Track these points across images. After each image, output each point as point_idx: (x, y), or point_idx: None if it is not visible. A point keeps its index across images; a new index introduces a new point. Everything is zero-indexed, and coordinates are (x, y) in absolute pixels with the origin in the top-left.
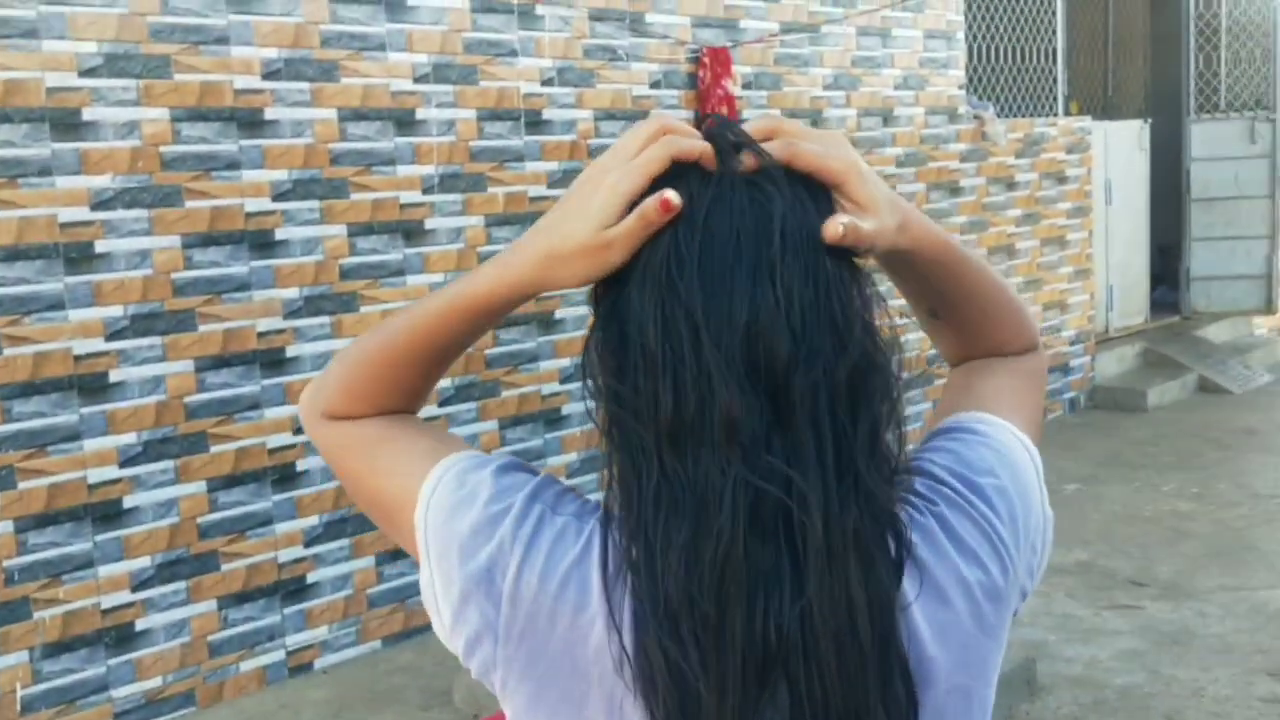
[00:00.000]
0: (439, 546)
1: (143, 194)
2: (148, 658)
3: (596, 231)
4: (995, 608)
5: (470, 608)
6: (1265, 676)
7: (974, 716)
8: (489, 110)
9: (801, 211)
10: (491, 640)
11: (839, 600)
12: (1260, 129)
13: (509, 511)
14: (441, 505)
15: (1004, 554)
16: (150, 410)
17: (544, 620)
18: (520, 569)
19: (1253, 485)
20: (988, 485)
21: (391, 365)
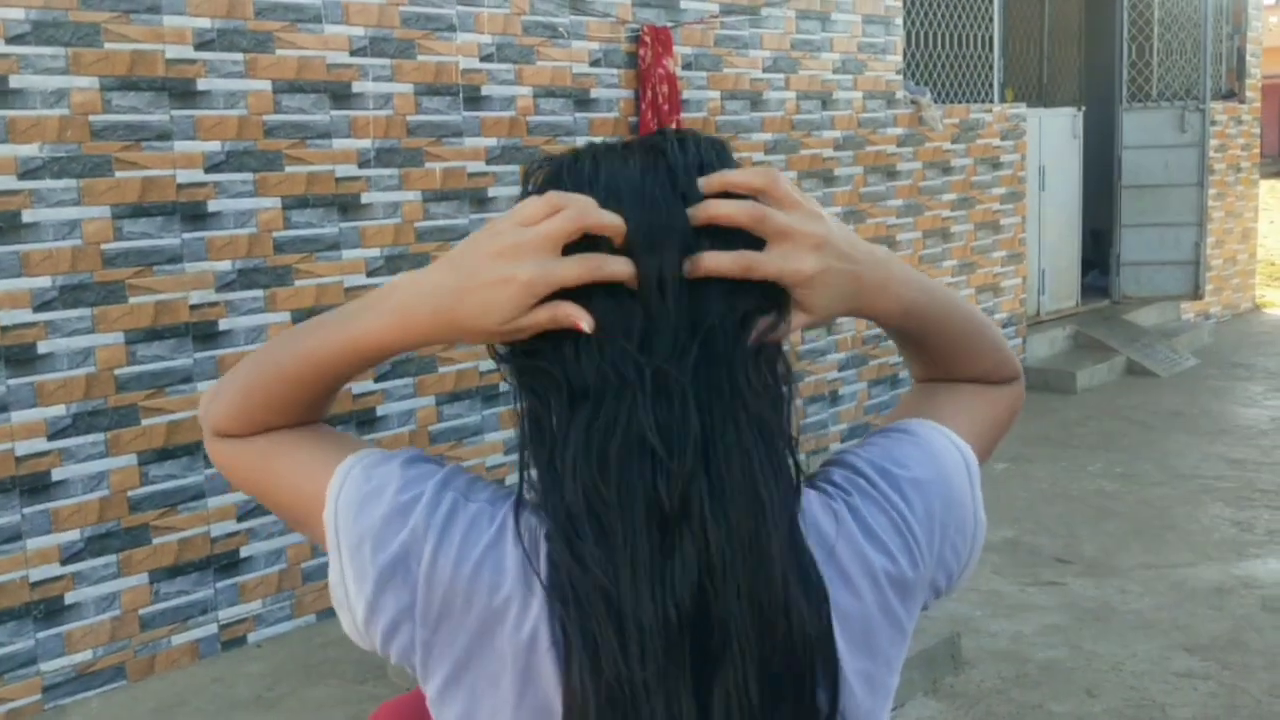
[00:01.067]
0: (350, 541)
1: (71, 164)
2: (77, 631)
3: (503, 324)
4: (902, 598)
5: (386, 596)
6: (1182, 652)
7: (876, 702)
8: (427, 85)
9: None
10: (410, 625)
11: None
12: (1190, 118)
13: (420, 500)
14: (350, 501)
15: (915, 547)
16: (80, 382)
17: (460, 603)
18: (435, 554)
19: (1176, 466)
20: (904, 479)
21: (282, 391)
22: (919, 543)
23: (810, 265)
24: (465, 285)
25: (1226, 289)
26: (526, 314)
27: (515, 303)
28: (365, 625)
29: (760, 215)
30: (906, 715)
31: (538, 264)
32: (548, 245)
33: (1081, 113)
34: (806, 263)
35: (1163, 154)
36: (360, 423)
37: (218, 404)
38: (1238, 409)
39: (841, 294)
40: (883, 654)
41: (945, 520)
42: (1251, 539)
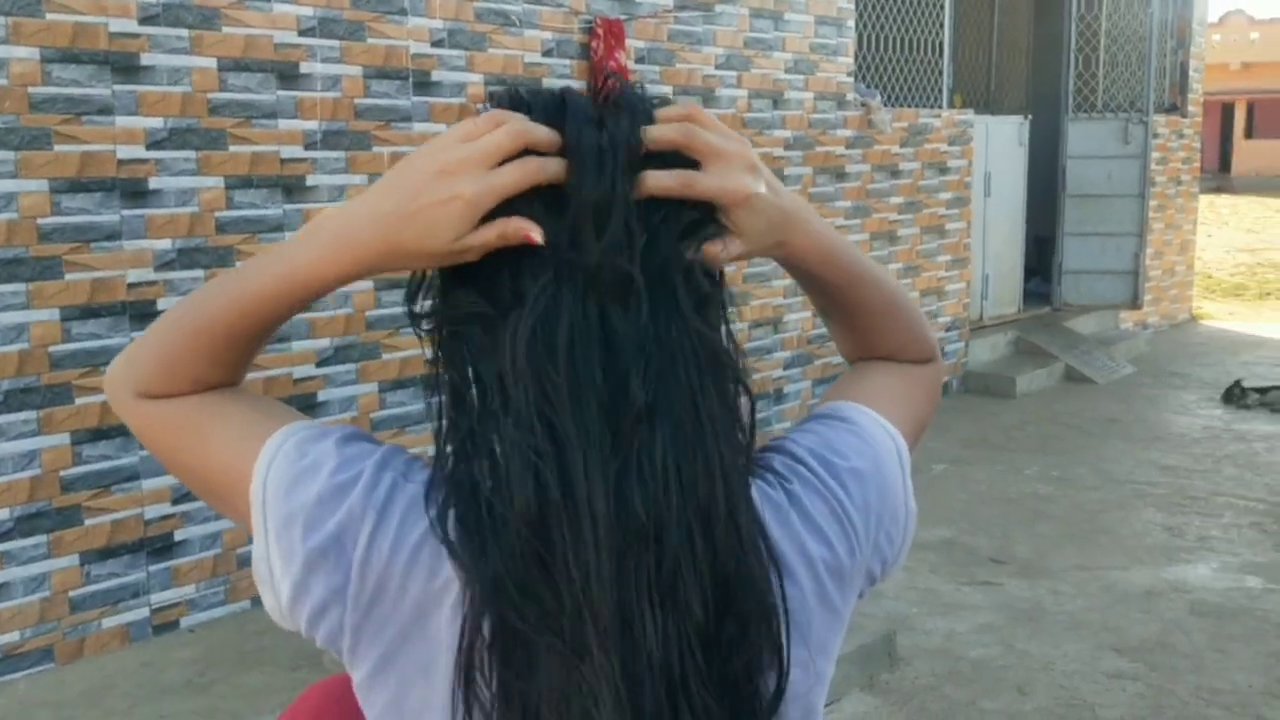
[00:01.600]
0: (279, 519)
1: (9, 135)
2: (5, 612)
3: (451, 243)
4: (839, 586)
5: (316, 577)
6: (1111, 652)
7: (812, 689)
8: (376, 68)
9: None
10: (339, 608)
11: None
12: (1133, 130)
13: (358, 480)
14: (281, 477)
15: (853, 536)
16: (13, 359)
17: (395, 587)
18: (372, 537)
19: (1110, 471)
20: (844, 469)
21: (211, 341)
22: (856, 532)
23: (747, 185)
24: (406, 208)
25: (1164, 299)
26: (473, 232)
27: (461, 220)
28: (290, 606)
29: (692, 131)
30: (842, 710)
31: (480, 178)
32: (488, 160)
33: (1028, 121)
34: (743, 182)
35: (1106, 164)
36: (301, 408)
37: (136, 363)
38: (1172, 417)
39: (771, 223)
40: (819, 642)
41: (880, 510)
42: (1182, 544)
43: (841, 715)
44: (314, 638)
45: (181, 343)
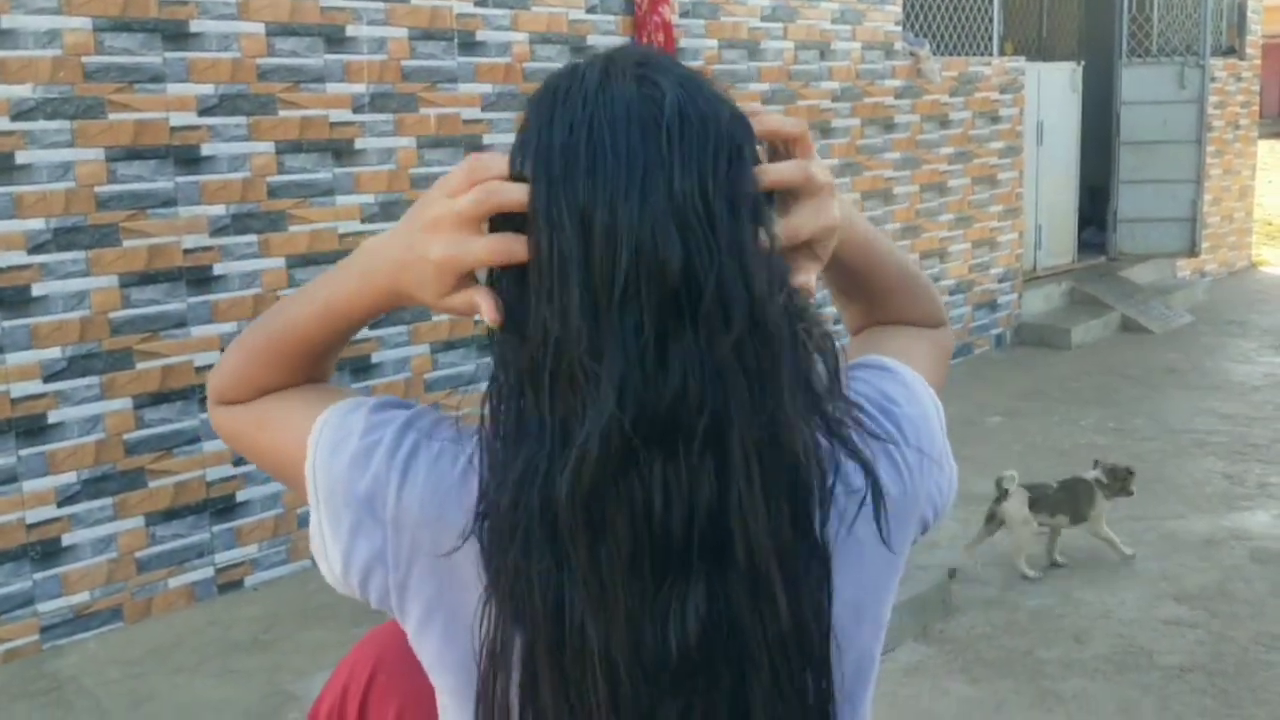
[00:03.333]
0: (325, 488)
1: (65, 105)
2: (74, 573)
3: (435, 299)
4: (896, 528)
5: (359, 540)
6: (1170, 600)
7: (865, 633)
8: (421, 30)
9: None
10: (382, 568)
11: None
12: (1189, 75)
13: (381, 441)
14: (324, 450)
15: (908, 478)
16: (75, 325)
17: (428, 542)
18: (399, 494)
19: (1168, 420)
20: (898, 414)
21: (276, 358)
22: (912, 474)
23: (836, 217)
24: (402, 258)
25: (1223, 247)
26: (451, 293)
27: (436, 281)
28: (343, 573)
29: (810, 174)
30: (896, 659)
31: (451, 243)
32: (461, 224)
33: (1081, 67)
34: (833, 215)
35: (1161, 110)
36: (355, 370)
37: (219, 374)
38: (1231, 365)
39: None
40: (872, 585)
41: (929, 456)
42: (1242, 492)
43: (896, 664)
44: (370, 600)
45: (252, 358)
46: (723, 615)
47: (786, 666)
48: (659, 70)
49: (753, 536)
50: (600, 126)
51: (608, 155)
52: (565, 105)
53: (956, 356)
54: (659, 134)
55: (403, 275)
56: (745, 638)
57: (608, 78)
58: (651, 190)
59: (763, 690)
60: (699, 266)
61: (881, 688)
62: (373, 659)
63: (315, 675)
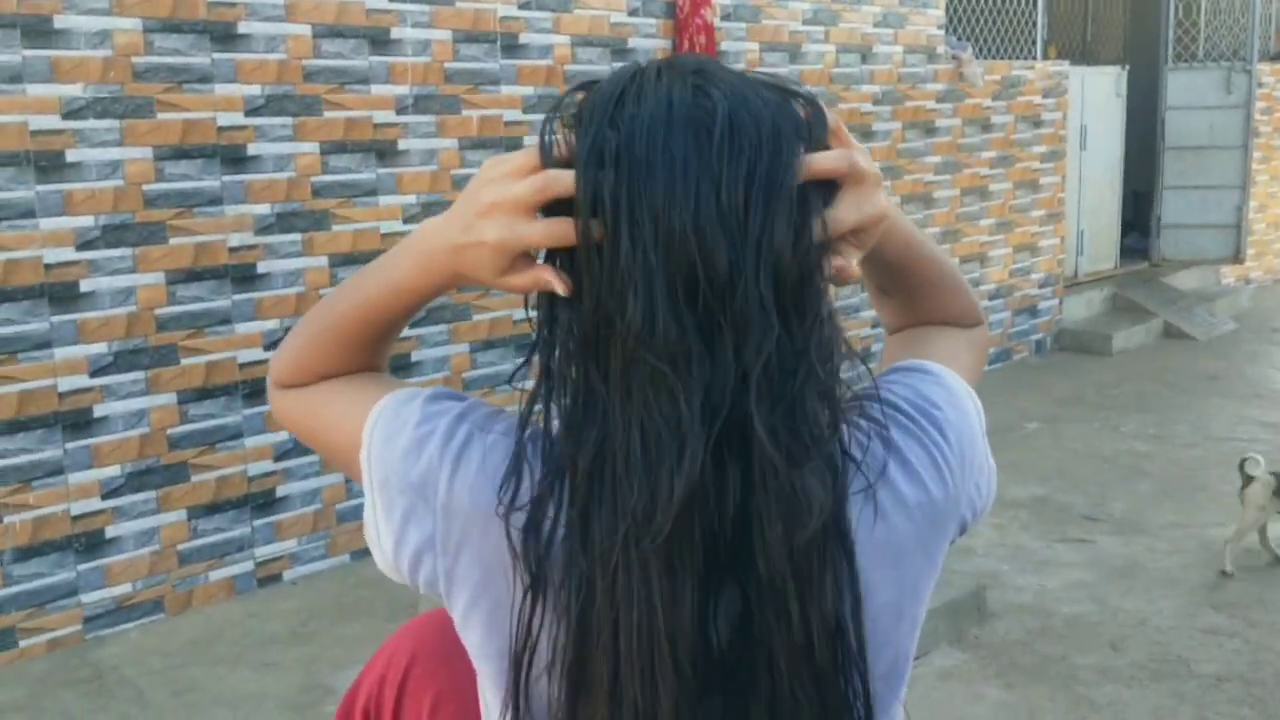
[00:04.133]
0: (380, 477)
1: (114, 104)
2: (117, 564)
3: (493, 278)
4: (934, 530)
5: (410, 527)
6: (1208, 609)
7: (902, 632)
8: (465, 32)
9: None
10: (431, 555)
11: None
12: (1236, 79)
13: (435, 432)
14: (379, 438)
15: (949, 480)
16: (121, 321)
17: (478, 531)
18: (451, 483)
19: (1209, 428)
20: (940, 417)
21: (336, 342)
22: (953, 475)
23: (883, 207)
24: (460, 239)
25: (1269, 254)
26: (512, 272)
27: (493, 262)
28: (394, 559)
29: (854, 162)
30: (931, 664)
31: (507, 226)
32: (518, 208)
33: (1125, 72)
34: (880, 205)
35: (1207, 115)
36: (395, 368)
37: (280, 358)
38: (1274, 373)
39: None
40: (911, 585)
41: (970, 459)
42: None
43: (930, 669)
44: (419, 587)
45: (312, 342)
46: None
47: (804, 673)
48: (712, 78)
49: (770, 547)
50: (656, 130)
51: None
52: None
53: (996, 362)
54: (709, 142)
55: (461, 257)
56: (770, 643)
57: (664, 83)
58: (704, 198)
59: (785, 695)
60: (736, 277)
61: (915, 692)
62: (410, 650)
63: (352, 668)
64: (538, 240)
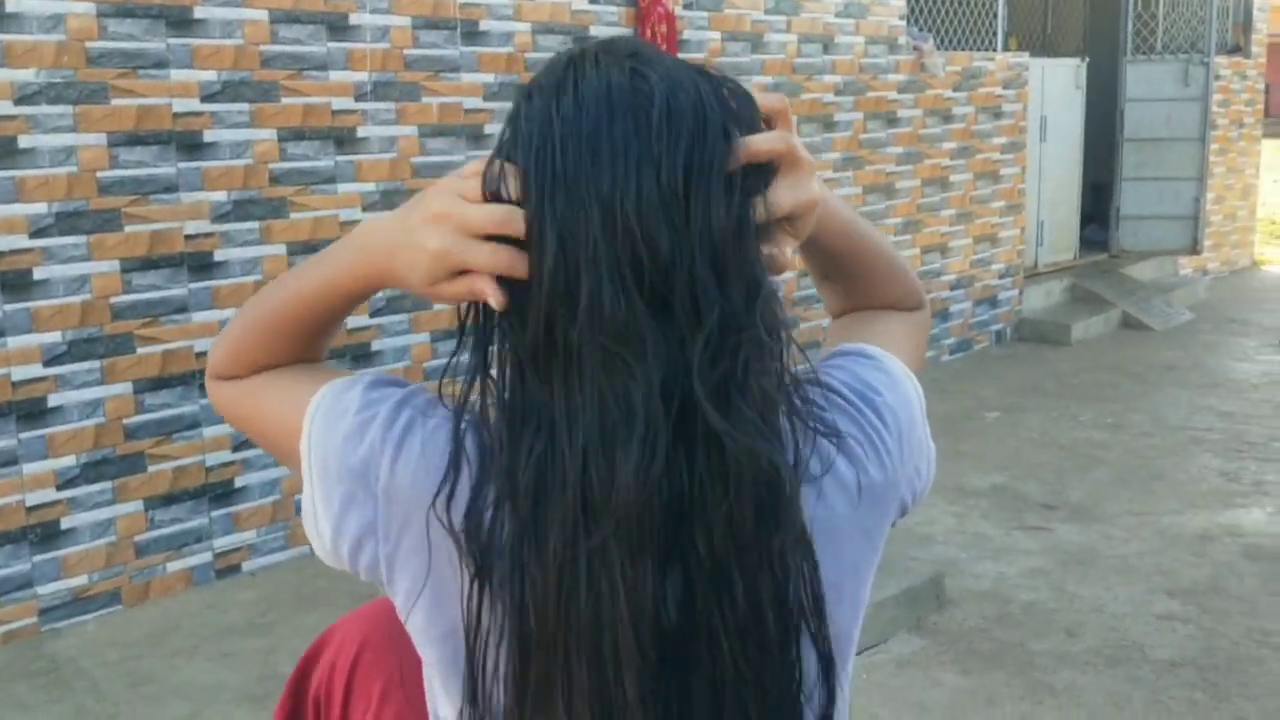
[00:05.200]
0: (319, 463)
1: (68, 90)
2: (73, 556)
3: (425, 285)
4: (873, 512)
5: (350, 514)
6: (1164, 595)
7: (843, 614)
8: (424, 19)
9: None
10: (373, 540)
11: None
12: (1194, 72)
13: (376, 418)
14: (319, 425)
15: (887, 463)
16: (75, 309)
17: (419, 516)
18: (393, 468)
19: (1166, 418)
20: (878, 401)
21: (273, 333)
22: (892, 457)
23: (815, 192)
24: (400, 241)
25: (1225, 245)
26: (446, 281)
27: (429, 270)
28: (333, 545)
29: (791, 145)
30: (890, 650)
31: (451, 240)
32: (467, 228)
33: (1085, 64)
34: (813, 190)
35: (1166, 107)
36: (355, 357)
37: (217, 349)
38: (1230, 363)
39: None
40: (851, 566)
41: (909, 442)
42: (1238, 489)
43: (888, 656)
44: (360, 574)
45: (249, 333)
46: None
47: (746, 654)
48: (648, 62)
49: (713, 529)
50: (599, 115)
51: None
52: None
53: (956, 351)
54: (648, 125)
55: (396, 259)
56: (711, 621)
57: (603, 68)
58: (645, 180)
59: (729, 676)
60: (678, 258)
61: (873, 678)
62: (359, 637)
63: None
64: (483, 264)
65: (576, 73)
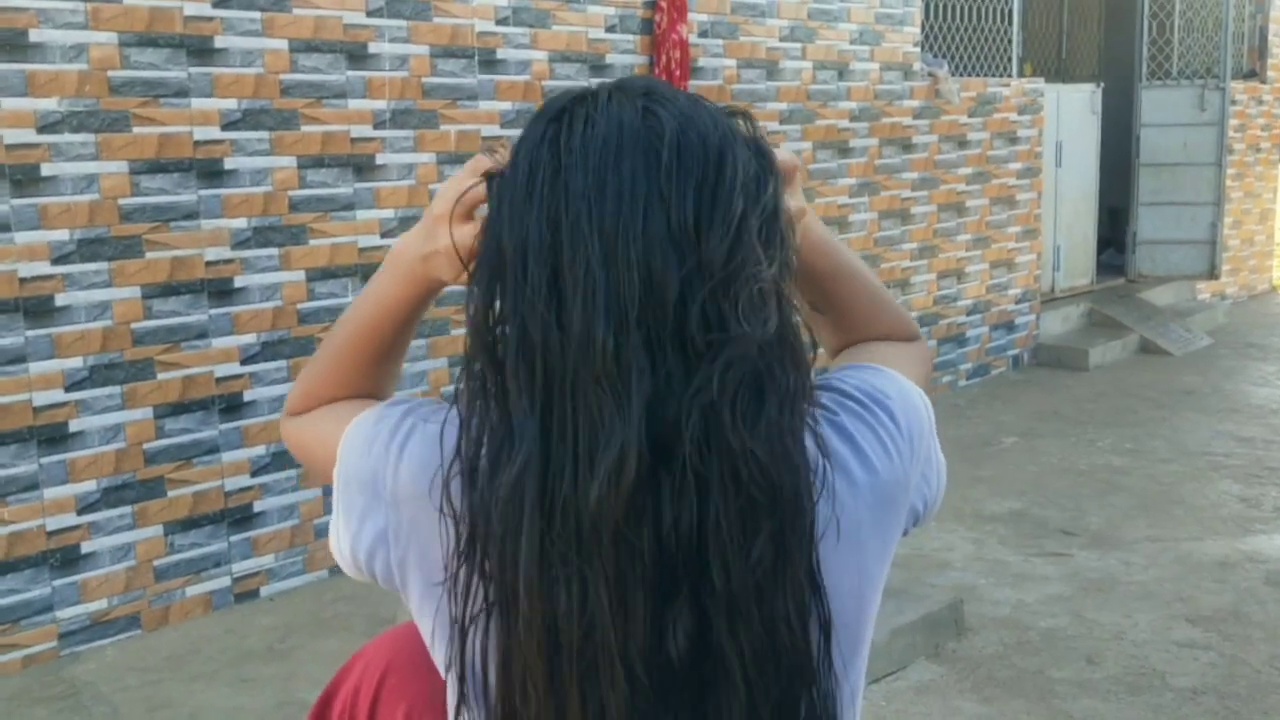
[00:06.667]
0: (341, 482)
1: (90, 118)
2: (93, 580)
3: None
4: (886, 511)
5: (366, 523)
6: (1184, 622)
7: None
8: (442, 47)
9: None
10: (385, 547)
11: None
12: (1210, 97)
13: (384, 430)
14: (345, 449)
15: (897, 461)
16: (97, 335)
17: (425, 519)
18: (396, 471)
19: (1185, 443)
20: (888, 404)
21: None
22: (903, 457)
23: (801, 200)
24: (425, 249)
25: (1243, 269)
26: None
27: (451, 264)
28: (351, 554)
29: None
30: (908, 678)
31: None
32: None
33: (1100, 89)
34: (801, 200)
35: (1182, 132)
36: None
37: (294, 390)
38: (1250, 388)
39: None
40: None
41: (918, 447)
42: (1258, 515)
43: (907, 683)
44: (376, 579)
45: (324, 372)
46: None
47: (764, 685)
48: (661, 100)
49: (728, 561)
50: (607, 151)
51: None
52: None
53: (973, 377)
54: (657, 163)
55: (429, 263)
56: (724, 656)
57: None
58: (652, 218)
59: (740, 708)
60: (689, 295)
61: (892, 706)
62: (384, 661)
63: None
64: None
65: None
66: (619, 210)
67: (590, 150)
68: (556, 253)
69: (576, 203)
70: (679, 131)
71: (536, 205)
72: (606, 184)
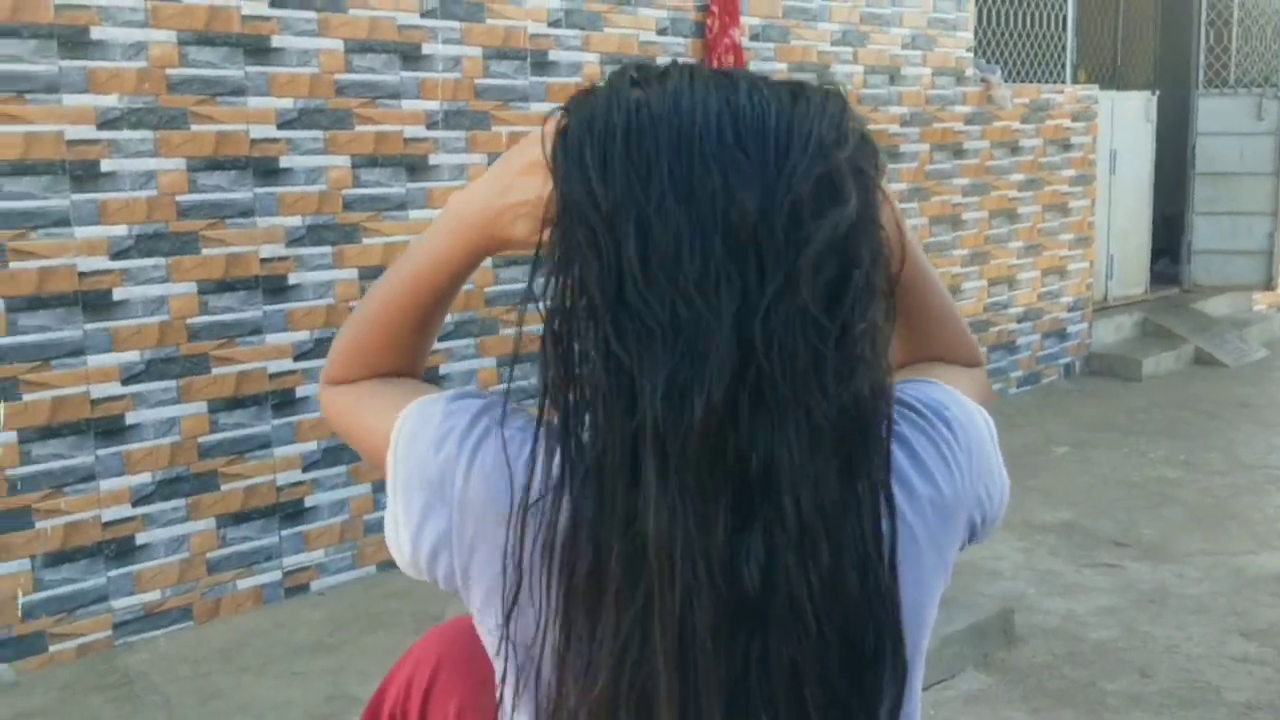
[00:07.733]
0: (403, 475)
1: (149, 115)
2: (147, 571)
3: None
4: (944, 525)
5: (428, 523)
6: (1238, 636)
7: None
8: (495, 49)
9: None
10: (447, 551)
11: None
12: (1268, 106)
13: (455, 428)
14: (404, 439)
15: (958, 476)
16: (154, 330)
17: (492, 525)
18: (467, 477)
19: (1240, 456)
20: (949, 416)
21: (387, 326)
22: (962, 471)
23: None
24: (497, 203)
25: None
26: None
27: (532, 219)
28: (412, 554)
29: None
30: (957, 687)
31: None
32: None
33: (1156, 96)
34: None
35: (1238, 141)
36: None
37: (332, 354)
38: None
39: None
40: (926, 583)
41: (981, 462)
42: None
43: (956, 693)
44: (439, 583)
45: (361, 334)
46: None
47: (830, 623)
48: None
49: (800, 491)
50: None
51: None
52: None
53: (1024, 385)
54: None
55: (500, 218)
56: (792, 586)
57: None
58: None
59: (810, 645)
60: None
61: (940, 715)
62: (436, 656)
63: (378, 679)
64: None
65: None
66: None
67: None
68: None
69: (662, 159)
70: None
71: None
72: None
